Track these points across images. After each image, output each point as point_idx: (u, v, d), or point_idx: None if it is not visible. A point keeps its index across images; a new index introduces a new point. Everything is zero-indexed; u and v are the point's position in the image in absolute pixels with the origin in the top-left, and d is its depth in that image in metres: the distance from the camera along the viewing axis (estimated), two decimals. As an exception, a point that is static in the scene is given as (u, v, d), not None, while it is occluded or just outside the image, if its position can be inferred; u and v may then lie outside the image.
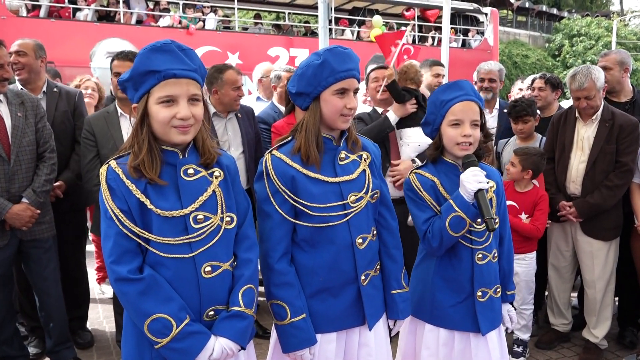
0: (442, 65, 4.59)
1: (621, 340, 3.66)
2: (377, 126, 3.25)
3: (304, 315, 1.81)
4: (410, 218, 3.38)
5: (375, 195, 1.94)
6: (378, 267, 1.98)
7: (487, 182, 1.98)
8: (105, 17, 11.89)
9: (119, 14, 11.64)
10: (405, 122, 3.34)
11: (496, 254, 2.16)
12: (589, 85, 3.18)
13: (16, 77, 3.37)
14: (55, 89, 3.48)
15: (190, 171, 1.64)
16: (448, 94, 2.07)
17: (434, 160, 2.16)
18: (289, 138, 1.89)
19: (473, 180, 1.93)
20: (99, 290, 4.63)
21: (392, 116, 3.29)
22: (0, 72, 2.85)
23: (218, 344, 1.61)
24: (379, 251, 1.99)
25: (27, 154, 2.95)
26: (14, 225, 2.88)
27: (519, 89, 5.30)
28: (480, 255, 2.09)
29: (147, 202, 1.56)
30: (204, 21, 12.60)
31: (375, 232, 1.96)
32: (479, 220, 2.03)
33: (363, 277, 1.89)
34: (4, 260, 2.93)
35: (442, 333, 2.13)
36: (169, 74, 1.55)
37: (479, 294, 2.10)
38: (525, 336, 3.44)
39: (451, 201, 2.01)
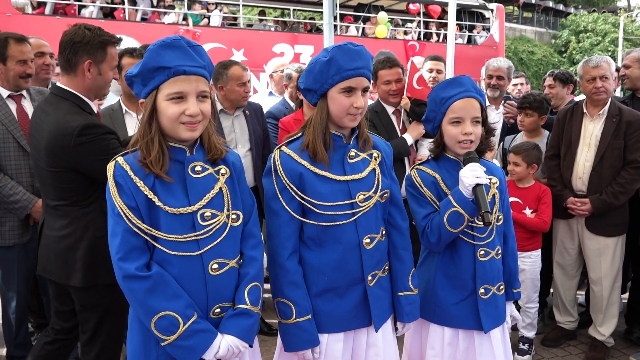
0: (438, 59, 4.58)
1: (628, 338, 3.64)
2: (396, 148, 3.22)
3: (309, 317, 1.80)
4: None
5: (385, 195, 1.91)
6: (386, 267, 1.96)
7: (489, 178, 1.97)
8: (110, 14, 11.91)
9: (123, 11, 11.65)
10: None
11: (500, 251, 2.14)
12: (605, 65, 3.25)
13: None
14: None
15: (198, 168, 1.64)
16: (448, 91, 2.04)
17: (435, 157, 2.15)
18: (299, 134, 1.87)
19: (471, 175, 1.91)
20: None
21: (410, 139, 3.38)
22: (24, 68, 2.91)
23: (224, 342, 1.61)
24: (387, 252, 1.96)
25: None
26: (39, 219, 2.86)
27: (513, 85, 5.29)
28: (482, 252, 2.07)
29: (155, 199, 1.56)
30: (209, 18, 12.61)
31: (384, 232, 1.93)
32: (480, 216, 2.02)
33: (370, 278, 1.87)
34: (28, 255, 2.94)
35: (447, 332, 2.12)
36: (179, 70, 1.55)
37: (482, 291, 2.08)
38: (530, 334, 3.43)
39: (450, 197, 2.00)
